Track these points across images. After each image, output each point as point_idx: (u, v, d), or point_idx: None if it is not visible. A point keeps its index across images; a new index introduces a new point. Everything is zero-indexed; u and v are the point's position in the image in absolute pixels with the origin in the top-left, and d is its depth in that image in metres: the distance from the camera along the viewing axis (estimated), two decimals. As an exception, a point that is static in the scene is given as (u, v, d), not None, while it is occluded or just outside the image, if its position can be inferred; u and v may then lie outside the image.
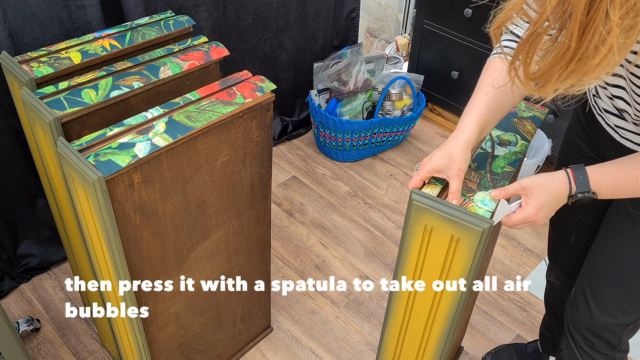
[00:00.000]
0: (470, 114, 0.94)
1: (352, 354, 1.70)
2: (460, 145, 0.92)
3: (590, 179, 0.88)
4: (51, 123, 1.04)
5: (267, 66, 2.29)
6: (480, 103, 0.94)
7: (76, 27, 1.51)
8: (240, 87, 1.18)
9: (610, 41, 0.59)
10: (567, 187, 0.89)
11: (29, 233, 1.79)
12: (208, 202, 1.20)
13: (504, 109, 0.96)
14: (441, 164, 0.93)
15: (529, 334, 1.78)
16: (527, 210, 0.88)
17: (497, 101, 0.94)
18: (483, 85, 0.96)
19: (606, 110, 0.99)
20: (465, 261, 0.90)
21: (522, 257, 2.04)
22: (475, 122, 0.93)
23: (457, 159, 0.91)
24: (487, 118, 0.94)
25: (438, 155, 0.94)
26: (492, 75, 0.96)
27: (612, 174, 0.87)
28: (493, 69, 0.97)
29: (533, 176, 0.90)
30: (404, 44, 2.79)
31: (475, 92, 0.96)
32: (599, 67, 0.62)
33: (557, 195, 0.89)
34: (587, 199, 0.89)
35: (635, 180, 0.85)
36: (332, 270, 1.95)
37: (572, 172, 0.89)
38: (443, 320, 1.00)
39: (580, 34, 0.60)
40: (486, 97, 0.94)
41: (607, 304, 1.09)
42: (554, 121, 2.18)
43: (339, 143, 2.33)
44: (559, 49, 0.62)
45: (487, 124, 0.95)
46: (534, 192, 0.88)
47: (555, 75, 0.65)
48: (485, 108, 0.94)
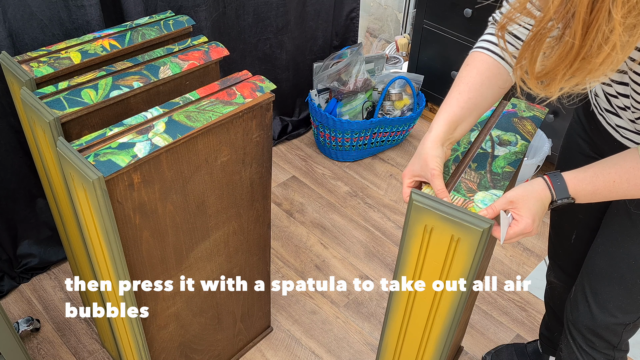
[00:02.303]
0: (440, 114, 0.95)
1: (352, 353, 1.70)
2: (428, 146, 0.93)
3: (568, 185, 0.88)
4: (51, 123, 1.04)
5: (266, 66, 2.29)
6: (452, 102, 0.95)
7: (76, 27, 1.51)
8: (240, 87, 1.18)
9: (613, 40, 0.60)
10: (549, 194, 0.89)
11: (29, 233, 1.79)
12: (208, 202, 1.20)
13: (481, 105, 0.96)
14: (416, 169, 0.94)
15: (528, 334, 1.78)
16: (523, 221, 0.87)
17: (471, 100, 0.94)
18: (459, 83, 0.96)
19: (607, 109, 0.99)
20: (465, 261, 0.90)
21: (522, 257, 2.04)
22: (444, 121, 0.94)
23: (428, 161, 0.92)
24: (458, 116, 0.94)
25: (412, 161, 0.96)
26: (470, 73, 0.96)
27: (590, 180, 0.87)
28: (472, 65, 0.97)
29: (514, 188, 0.89)
30: (404, 44, 2.79)
31: (451, 90, 0.97)
32: (603, 66, 0.63)
33: (543, 202, 0.89)
34: (566, 204, 0.89)
35: (613, 185, 0.85)
36: (332, 270, 1.95)
37: (550, 179, 0.89)
38: (443, 320, 1.00)
39: (583, 32, 0.60)
40: (459, 97, 0.95)
41: (608, 303, 1.09)
42: (554, 121, 2.18)
43: (338, 143, 2.33)
44: (563, 47, 0.63)
45: (458, 121, 0.95)
46: (524, 203, 0.88)
47: (560, 74, 0.65)
48: (456, 107, 0.94)
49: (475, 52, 0.98)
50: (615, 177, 0.85)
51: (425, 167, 0.92)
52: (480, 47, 0.97)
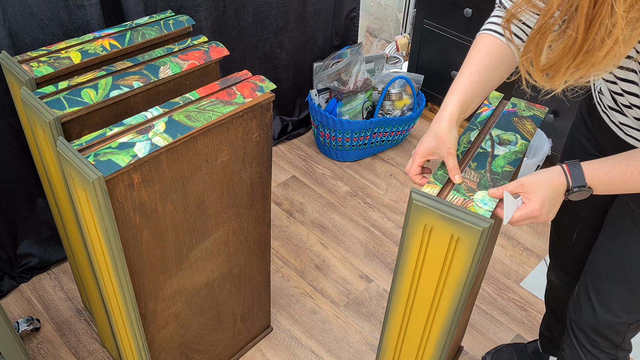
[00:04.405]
0: (453, 93, 0.97)
1: (352, 353, 1.70)
2: (444, 125, 0.95)
3: (585, 174, 0.89)
4: (51, 123, 1.04)
5: (266, 66, 2.29)
6: (464, 82, 0.97)
7: (76, 26, 1.51)
8: (240, 86, 1.18)
9: (616, 34, 0.60)
10: (565, 181, 0.90)
11: (29, 233, 1.79)
12: (208, 201, 1.20)
13: (489, 86, 0.99)
14: (431, 147, 0.97)
15: (528, 334, 1.78)
16: (531, 205, 0.89)
17: (481, 80, 0.97)
18: (469, 64, 0.98)
19: (611, 107, 0.99)
20: (465, 260, 0.90)
21: (522, 256, 2.04)
22: (457, 101, 0.96)
23: (444, 139, 0.95)
24: (470, 96, 0.97)
25: (426, 139, 0.98)
26: (479, 54, 0.98)
27: (607, 170, 0.88)
28: (481, 46, 0.99)
29: (531, 174, 0.91)
30: (404, 44, 2.78)
31: (460, 71, 0.99)
32: (606, 59, 0.64)
33: (556, 189, 0.90)
34: (583, 194, 0.90)
35: (630, 177, 0.86)
36: (332, 270, 1.95)
37: (568, 167, 0.90)
38: (443, 320, 1.00)
39: (586, 26, 0.61)
40: (470, 76, 0.97)
41: (611, 302, 1.09)
42: (554, 121, 2.18)
43: (338, 143, 2.33)
44: (566, 41, 0.64)
45: (470, 101, 0.97)
46: (534, 188, 0.90)
47: (564, 67, 0.66)
48: (468, 87, 0.97)
49: (483, 34, 1.00)
50: (633, 169, 0.86)
51: (441, 145, 0.95)
52: (488, 29, 0.99)
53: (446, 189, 0.95)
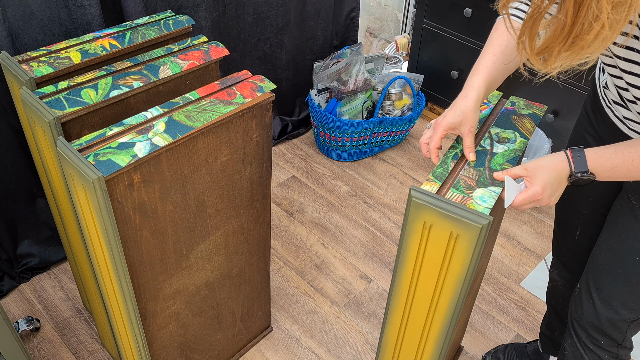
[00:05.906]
0: (479, 73, 1.00)
1: (351, 353, 1.70)
2: (471, 103, 0.98)
3: (587, 159, 0.91)
4: (51, 123, 1.04)
5: (266, 66, 2.29)
6: (488, 63, 1.00)
7: (76, 26, 1.51)
8: (240, 86, 1.18)
9: (602, 18, 0.64)
10: (567, 167, 0.92)
11: (29, 233, 1.79)
12: (208, 201, 1.20)
13: (509, 69, 1.01)
14: (455, 122, 0.99)
15: (528, 334, 1.78)
16: (533, 188, 0.91)
17: (504, 62, 1.00)
18: (492, 45, 1.01)
19: (615, 102, 1.00)
20: (464, 258, 0.90)
21: (522, 256, 2.04)
22: (483, 82, 0.99)
23: (469, 117, 0.98)
24: (493, 77, 1.00)
25: (451, 114, 1.00)
26: (502, 36, 1.00)
27: (610, 157, 0.91)
28: (502, 29, 1.01)
29: (535, 159, 0.94)
30: (404, 44, 2.79)
31: (483, 52, 1.01)
32: (595, 42, 0.67)
33: (559, 173, 0.92)
34: (586, 180, 0.92)
35: (631, 164, 0.89)
36: (332, 270, 1.95)
37: (571, 153, 0.93)
38: (442, 318, 1.01)
39: (575, 11, 0.65)
40: (494, 57, 0.99)
41: (612, 300, 1.09)
42: (553, 121, 2.18)
43: (338, 143, 2.33)
44: (556, 25, 0.68)
45: (493, 82, 1.00)
46: (537, 172, 0.92)
47: (556, 50, 0.70)
48: (492, 68, 0.99)
49: None
50: (635, 156, 0.88)
51: (465, 122, 0.98)
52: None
53: (445, 186, 0.95)
